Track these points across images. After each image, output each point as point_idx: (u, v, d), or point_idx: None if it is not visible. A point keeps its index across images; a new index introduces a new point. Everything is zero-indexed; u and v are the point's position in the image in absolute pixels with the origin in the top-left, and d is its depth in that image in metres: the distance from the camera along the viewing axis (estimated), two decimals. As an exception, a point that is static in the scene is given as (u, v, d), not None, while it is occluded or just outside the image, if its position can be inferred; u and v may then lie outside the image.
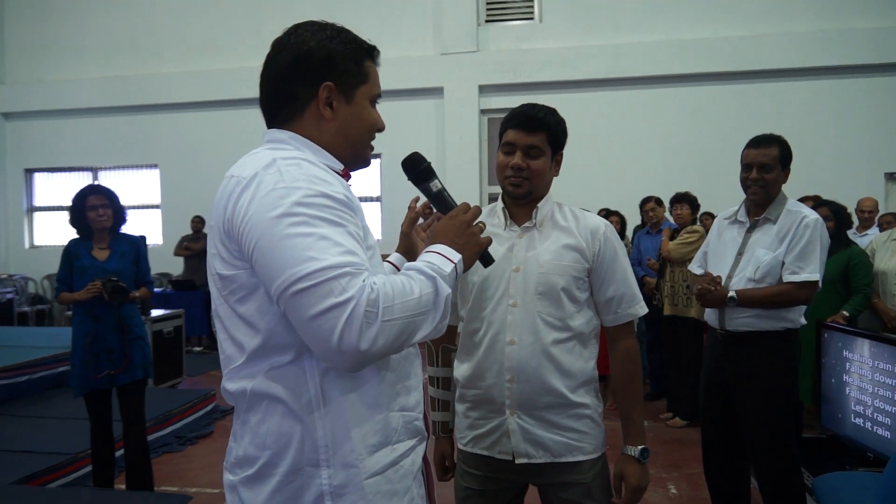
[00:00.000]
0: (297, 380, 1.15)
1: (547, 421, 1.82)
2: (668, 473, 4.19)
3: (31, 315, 9.71)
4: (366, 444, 1.17)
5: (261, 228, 1.07)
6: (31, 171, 11.08)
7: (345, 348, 1.03)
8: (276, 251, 1.05)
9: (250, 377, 1.17)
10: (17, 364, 5.45)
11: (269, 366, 1.15)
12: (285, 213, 1.06)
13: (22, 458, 3.96)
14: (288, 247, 1.05)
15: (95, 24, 10.50)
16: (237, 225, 1.11)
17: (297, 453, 1.15)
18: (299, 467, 1.15)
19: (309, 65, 1.23)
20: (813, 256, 2.70)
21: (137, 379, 3.62)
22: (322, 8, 9.20)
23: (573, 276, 1.82)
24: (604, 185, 8.57)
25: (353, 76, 1.27)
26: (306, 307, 1.03)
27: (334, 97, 1.25)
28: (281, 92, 1.25)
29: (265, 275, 1.09)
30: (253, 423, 1.18)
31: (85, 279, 3.49)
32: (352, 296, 1.03)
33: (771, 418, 2.72)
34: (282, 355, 1.15)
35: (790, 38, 8.42)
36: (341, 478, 1.15)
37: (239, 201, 1.12)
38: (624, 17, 8.92)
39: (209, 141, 9.74)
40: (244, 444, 1.19)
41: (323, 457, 1.15)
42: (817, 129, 8.28)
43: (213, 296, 1.22)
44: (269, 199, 1.08)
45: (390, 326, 1.06)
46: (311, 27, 1.27)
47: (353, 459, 1.15)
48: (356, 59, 1.27)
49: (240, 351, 1.18)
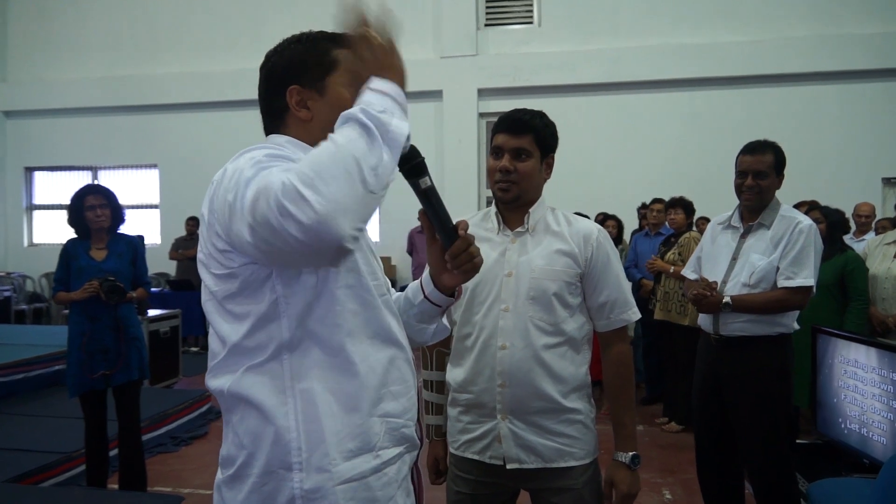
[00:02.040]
0: (273, 379, 1.14)
1: (538, 426, 1.82)
2: (664, 478, 4.19)
3: (29, 313, 9.71)
4: (341, 448, 1.14)
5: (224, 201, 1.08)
6: (30, 169, 11.09)
7: (289, 227, 0.94)
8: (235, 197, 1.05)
9: (230, 373, 1.17)
10: (13, 362, 5.45)
11: (247, 363, 1.15)
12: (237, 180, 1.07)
13: (15, 457, 3.97)
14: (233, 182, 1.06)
15: (96, 23, 10.52)
16: (213, 214, 1.13)
17: (270, 455, 1.14)
18: (272, 469, 1.13)
19: (275, 77, 1.29)
20: (807, 262, 2.72)
21: (133, 379, 3.63)
22: (320, 10, 9.26)
23: (565, 281, 1.82)
24: (601, 189, 8.58)
25: (317, 69, 1.27)
26: (245, 215, 1.00)
27: (305, 96, 1.27)
28: (264, 111, 1.33)
29: (223, 218, 1.08)
30: (234, 421, 1.18)
31: (82, 279, 3.50)
32: (269, 182, 0.97)
33: (764, 423, 2.73)
34: (260, 353, 1.14)
35: (789, 43, 8.43)
36: (313, 482, 1.12)
37: (213, 198, 1.14)
38: (622, 21, 8.93)
39: (208, 141, 9.74)
40: (227, 444, 1.20)
41: (296, 459, 1.13)
42: (816, 134, 8.29)
43: (203, 293, 1.22)
44: (230, 181, 1.08)
45: (326, 182, 0.96)
46: (281, 43, 1.33)
47: (326, 464, 1.13)
48: (318, 52, 1.28)
49: (221, 346, 1.18)
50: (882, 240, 4.52)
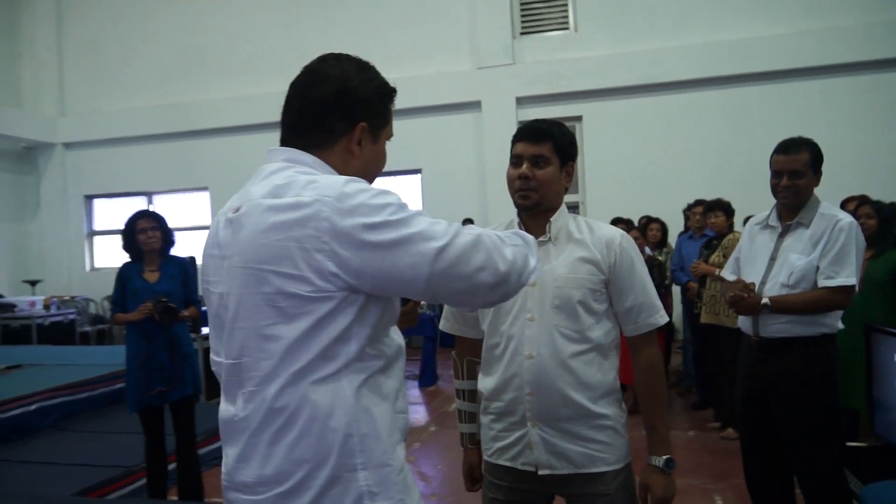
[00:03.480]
0: (337, 391, 1.19)
1: (569, 432, 1.84)
2: (715, 484, 4.12)
3: (93, 335, 10.12)
4: (391, 442, 1.25)
5: (364, 243, 1.17)
6: (90, 197, 11.59)
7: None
8: (405, 247, 1.17)
9: (297, 390, 1.19)
10: (77, 381, 5.71)
11: (314, 378, 1.19)
12: (385, 222, 1.18)
13: (82, 471, 4.16)
14: (413, 236, 1.19)
15: (146, 55, 10.97)
16: (328, 241, 1.16)
17: (336, 464, 1.19)
18: (337, 475, 1.19)
19: (350, 102, 1.30)
20: (848, 260, 2.65)
21: (188, 395, 3.78)
22: (360, 29, 9.50)
23: (589, 288, 1.84)
24: (645, 191, 8.49)
25: (381, 118, 1.35)
26: (460, 265, 1.20)
27: (364, 137, 1.32)
28: (317, 120, 1.31)
29: (402, 268, 1.17)
30: (288, 440, 1.19)
31: (137, 301, 3.66)
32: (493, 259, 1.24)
33: (808, 425, 2.67)
34: (328, 368, 1.19)
35: (835, 32, 8.20)
36: (377, 476, 1.21)
37: (320, 219, 1.17)
38: (660, 21, 8.85)
39: (256, 162, 9.75)
40: (274, 462, 1.20)
41: (359, 461, 1.20)
42: (866, 127, 8.05)
43: (267, 313, 1.20)
44: (362, 210, 1.17)
45: (519, 255, 1.29)
46: (351, 63, 1.34)
47: (387, 459, 1.22)
48: (384, 102, 1.36)
49: (290, 367, 1.19)
50: (936, 233, 4.37)
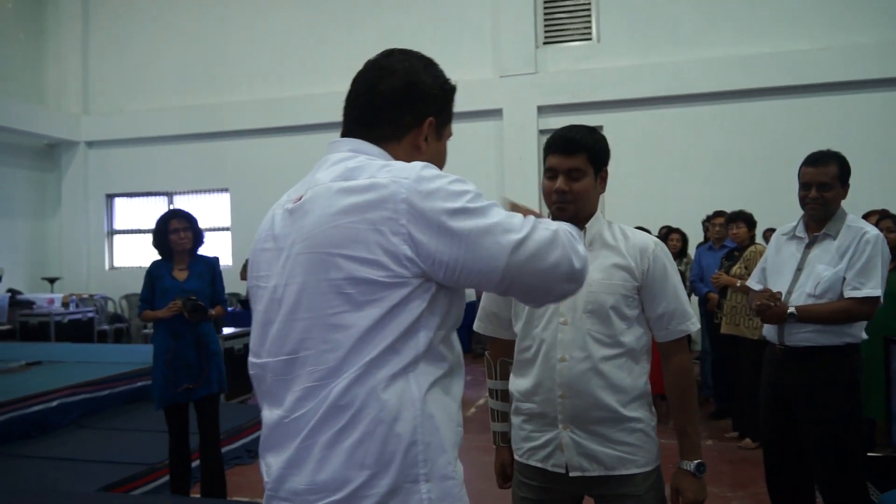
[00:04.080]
0: (404, 392, 1.14)
1: (599, 435, 1.87)
2: (734, 492, 4.13)
3: (111, 333, 10.20)
4: (454, 455, 1.20)
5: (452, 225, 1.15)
6: (111, 196, 11.72)
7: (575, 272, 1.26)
8: (484, 237, 1.15)
9: (364, 386, 1.13)
10: (98, 379, 5.76)
11: (382, 375, 1.13)
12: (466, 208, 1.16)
13: (105, 468, 4.21)
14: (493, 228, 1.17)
15: (170, 56, 11.11)
16: (405, 224, 1.13)
17: (400, 471, 1.12)
18: (399, 485, 1.12)
19: (420, 96, 1.30)
20: (874, 272, 2.68)
21: (213, 392, 3.83)
22: (384, 35, 9.58)
23: (622, 294, 1.87)
24: (665, 202, 8.51)
25: (446, 115, 1.36)
26: (537, 260, 1.18)
27: (430, 134, 1.32)
28: (386, 112, 1.29)
29: (479, 258, 1.15)
30: (350, 442, 1.12)
31: (166, 298, 3.73)
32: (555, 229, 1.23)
33: (832, 433, 2.69)
34: (394, 364, 1.14)
35: (856, 49, 8.23)
36: (440, 490, 1.15)
37: (398, 201, 1.14)
38: (683, 34, 8.89)
39: (277, 165, 10.10)
40: (331, 467, 1.13)
41: (423, 471, 1.14)
42: (886, 142, 8.05)
43: (333, 301, 1.15)
44: (441, 194, 1.15)
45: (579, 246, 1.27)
46: (417, 58, 1.34)
47: (450, 472, 1.17)
48: (448, 99, 1.36)
49: (360, 358, 1.14)
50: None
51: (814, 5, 8.48)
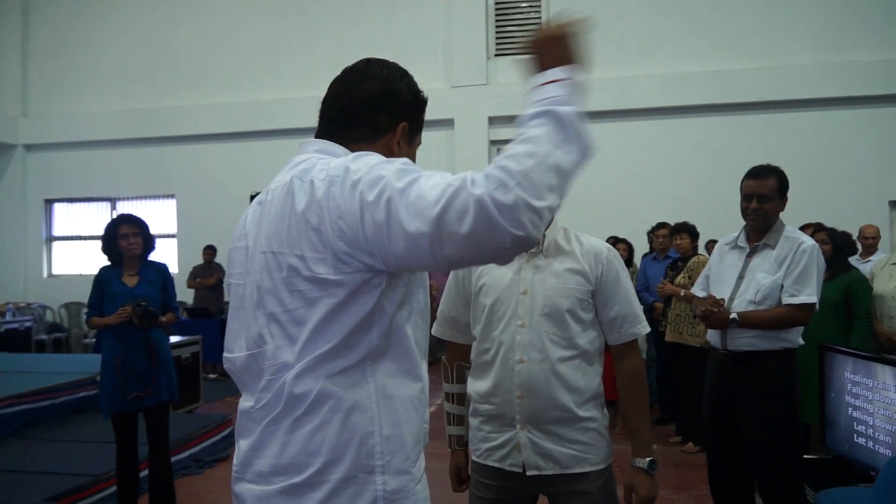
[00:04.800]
0: (359, 385, 1.18)
1: (555, 434, 1.94)
2: (678, 495, 4.27)
3: (49, 343, 9.88)
4: (415, 451, 1.24)
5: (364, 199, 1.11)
6: (50, 201, 11.34)
7: (511, 233, 1.04)
8: (395, 221, 1.08)
9: (319, 377, 1.17)
10: (39, 389, 5.58)
11: (337, 367, 1.17)
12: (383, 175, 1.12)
13: (49, 479, 4.08)
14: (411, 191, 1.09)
15: (114, 57, 10.82)
16: (336, 220, 1.13)
17: (354, 461, 1.17)
18: (353, 474, 1.16)
19: (396, 101, 1.34)
20: (810, 280, 2.84)
21: (163, 401, 3.77)
22: (337, 44, 9.56)
23: (577, 298, 1.95)
24: (612, 213, 8.70)
25: (418, 124, 1.40)
26: (457, 225, 1.04)
27: (402, 139, 1.36)
28: (363, 113, 1.33)
29: (397, 247, 1.09)
30: (308, 428, 1.17)
31: (115, 304, 3.65)
32: (478, 192, 1.04)
33: (772, 435, 2.83)
34: (350, 359, 1.18)
35: (794, 70, 8.60)
36: (396, 483, 1.18)
37: (329, 199, 1.15)
38: (629, 51, 9.12)
39: (225, 171, 9.97)
40: (291, 451, 1.18)
41: (378, 463, 1.18)
42: (822, 159, 8.42)
43: (286, 299, 1.19)
44: (362, 183, 1.12)
45: (528, 181, 1.05)
46: (397, 68, 1.39)
47: (407, 466, 1.21)
48: (421, 109, 1.41)
49: (312, 351, 1.17)
50: (888, 259, 4.64)
51: (754, 27, 8.83)
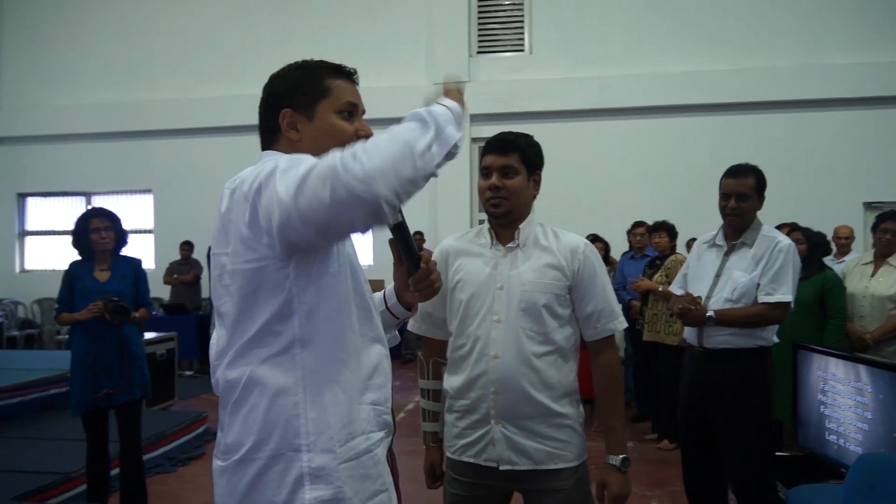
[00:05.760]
0: (286, 370, 1.28)
1: (530, 430, 1.93)
2: (652, 491, 4.29)
3: (21, 339, 9.69)
4: (342, 432, 1.30)
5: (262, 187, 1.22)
6: (23, 195, 11.14)
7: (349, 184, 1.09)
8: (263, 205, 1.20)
9: (248, 364, 1.29)
10: (8, 386, 5.48)
11: (264, 355, 1.28)
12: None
13: (15, 478, 3.99)
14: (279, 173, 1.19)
15: (90, 50, 10.65)
16: (242, 205, 1.26)
17: (280, 439, 1.27)
18: (281, 452, 1.27)
19: (273, 100, 1.42)
20: (786, 279, 2.86)
21: (135, 398, 3.70)
22: (317, 38, 9.50)
23: (554, 293, 1.94)
24: (590, 211, 8.73)
25: (310, 96, 1.40)
26: (310, 198, 1.12)
27: (296, 119, 1.40)
28: (261, 128, 1.46)
29: (273, 205, 1.17)
30: (243, 411, 1.29)
31: (86, 300, 3.57)
32: (334, 161, 1.12)
33: (745, 432, 2.85)
34: (275, 346, 1.28)
35: (773, 71, 8.69)
36: (319, 461, 1.27)
37: (240, 193, 1.27)
38: (611, 50, 9.17)
39: (202, 166, 9.84)
40: (232, 432, 1.31)
41: (304, 442, 1.27)
42: (798, 160, 8.50)
43: (221, 293, 1.34)
44: (259, 174, 1.24)
45: (376, 153, 1.12)
46: (284, 67, 1.46)
47: (331, 446, 1.28)
48: (313, 80, 1.41)
49: (238, 339, 1.30)
50: (859, 260, 4.69)
51: (735, 29, 8.91)
